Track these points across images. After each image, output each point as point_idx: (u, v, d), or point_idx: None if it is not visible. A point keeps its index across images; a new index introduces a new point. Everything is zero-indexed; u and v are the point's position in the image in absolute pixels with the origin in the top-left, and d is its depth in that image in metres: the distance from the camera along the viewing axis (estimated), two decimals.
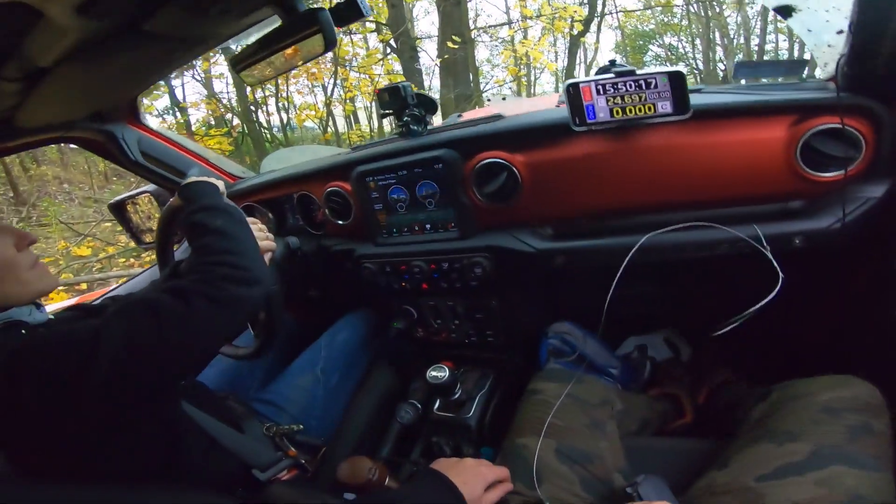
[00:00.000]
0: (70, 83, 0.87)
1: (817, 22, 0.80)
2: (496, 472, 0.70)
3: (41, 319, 0.67)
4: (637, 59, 10.29)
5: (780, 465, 0.62)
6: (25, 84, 0.83)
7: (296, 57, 0.74)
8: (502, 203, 0.96)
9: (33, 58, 0.73)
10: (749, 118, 0.79)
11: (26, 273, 0.65)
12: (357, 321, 1.29)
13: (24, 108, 0.95)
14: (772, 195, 0.83)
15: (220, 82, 6.57)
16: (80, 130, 1.23)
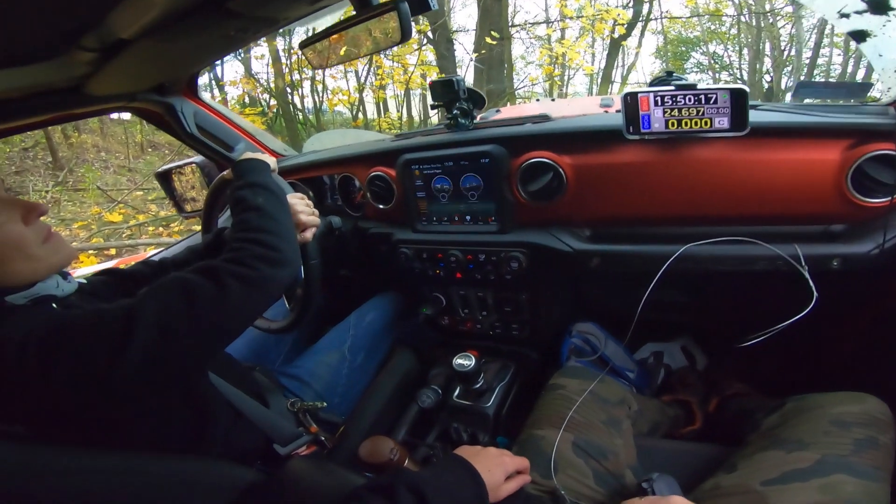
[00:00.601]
0: (144, 57, 0.90)
1: (890, 47, 0.80)
2: (517, 463, 0.72)
3: (70, 289, 0.66)
4: (678, 66, 10.04)
5: (787, 471, 0.65)
6: (101, 55, 0.86)
7: (369, 45, 0.77)
8: (544, 202, 0.98)
9: (114, 30, 0.74)
10: (805, 139, 0.79)
11: (38, 249, 0.61)
12: (385, 303, 1.31)
13: (96, 78, 0.98)
14: (815, 216, 0.84)
15: (259, 63, 6.66)
16: (142, 101, 1.27)
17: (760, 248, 0.83)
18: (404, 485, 0.58)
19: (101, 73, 0.95)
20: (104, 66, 0.91)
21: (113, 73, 0.96)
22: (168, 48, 0.88)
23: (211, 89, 6.77)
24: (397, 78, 6.29)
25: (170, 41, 0.81)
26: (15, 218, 0.60)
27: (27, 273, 0.60)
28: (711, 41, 9.66)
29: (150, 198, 5.62)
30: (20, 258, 0.59)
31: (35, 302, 0.60)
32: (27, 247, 0.60)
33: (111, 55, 0.86)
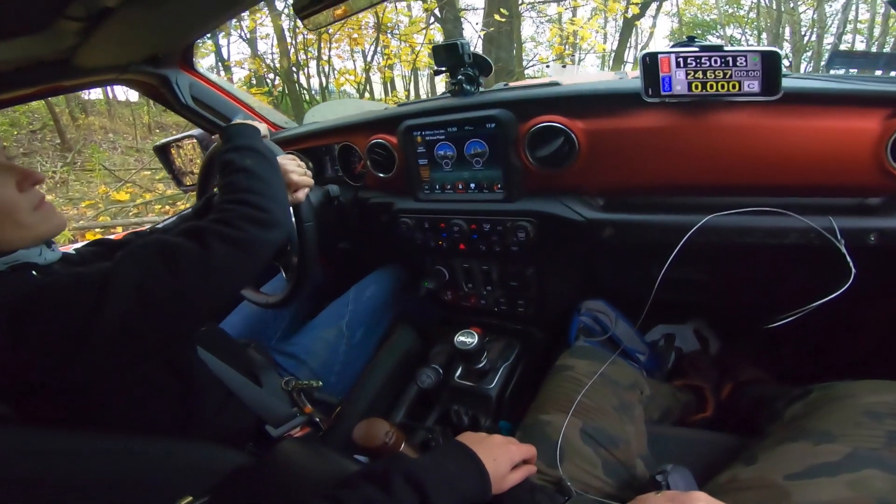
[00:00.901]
0: (132, 25, 0.87)
1: None
2: (524, 451, 0.67)
3: (53, 258, 0.64)
4: None
5: (814, 465, 0.60)
6: (88, 24, 0.82)
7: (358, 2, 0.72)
8: (554, 168, 0.92)
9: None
10: (842, 106, 0.74)
11: (28, 215, 0.60)
12: (386, 277, 1.27)
13: (84, 49, 0.95)
14: (851, 188, 0.78)
15: (264, 43, 6.60)
16: (135, 73, 1.24)
17: (792, 219, 0.77)
18: (401, 473, 0.54)
19: (90, 44, 0.92)
20: (92, 35, 0.87)
21: (101, 43, 0.93)
22: (155, 15, 0.84)
23: (217, 70, 6.75)
24: (404, 58, 6.20)
25: (156, 7, 0.79)
26: (9, 183, 0.59)
27: (14, 239, 0.59)
28: (728, 24, 9.40)
29: (157, 177, 5.65)
30: (9, 224, 0.59)
31: (13, 269, 0.59)
32: (17, 213, 0.59)
33: (98, 24, 0.82)
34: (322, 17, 0.90)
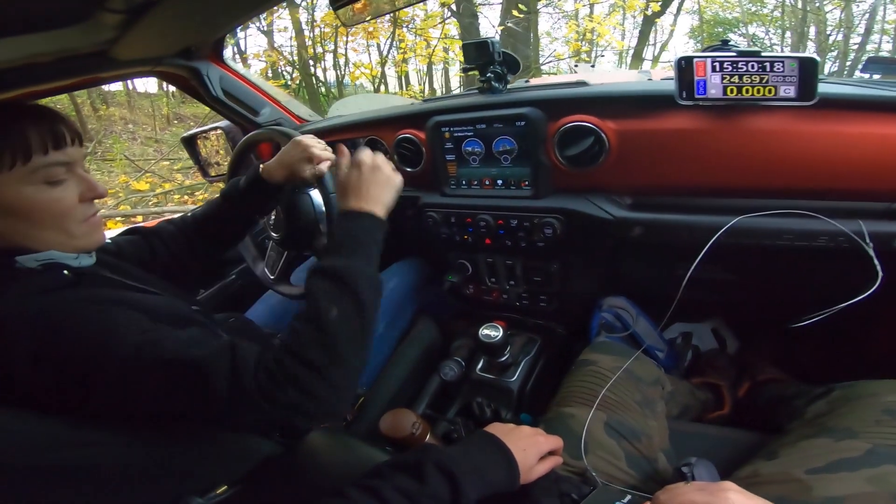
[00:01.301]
0: (170, 18, 0.87)
1: None
2: (551, 443, 0.68)
3: (87, 264, 0.65)
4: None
5: (835, 461, 0.61)
6: (127, 17, 0.84)
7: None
8: (583, 167, 0.93)
9: None
10: (876, 112, 0.74)
11: (76, 226, 0.61)
12: (409, 269, 1.28)
13: (122, 42, 0.97)
14: (882, 192, 0.78)
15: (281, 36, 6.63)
16: (167, 66, 1.26)
17: (822, 222, 0.77)
18: (433, 463, 0.55)
19: (128, 37, 0.93)
20: (130, 28, 0.89)
21: (139, 36, 0.93)
22: (194, 8, 0.85)
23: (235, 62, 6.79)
24: (420, 52, 6.18)
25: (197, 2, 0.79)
26: (74, 191, 0.61)
27: (55, 244, 0.61)
28: (751, 23, 9.21)
29: (176, 167, 5.72)
30: (56, 228, 0.60)
31: (46, 267, 0.59)
32: (68, 221, 0.61)
33: (137, 17, 0.84)
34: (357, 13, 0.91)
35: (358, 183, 0.72)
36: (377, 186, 0.72)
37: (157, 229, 0.92)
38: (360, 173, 0.73)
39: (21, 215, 0.58)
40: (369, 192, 0.71)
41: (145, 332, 0.55)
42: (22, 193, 0.57)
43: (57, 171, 0.59)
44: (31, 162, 0.57)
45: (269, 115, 1.51)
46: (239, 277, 1.51)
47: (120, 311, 0.57)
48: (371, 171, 0.73)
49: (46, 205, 0.59)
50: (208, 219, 0.94)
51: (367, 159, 0.75)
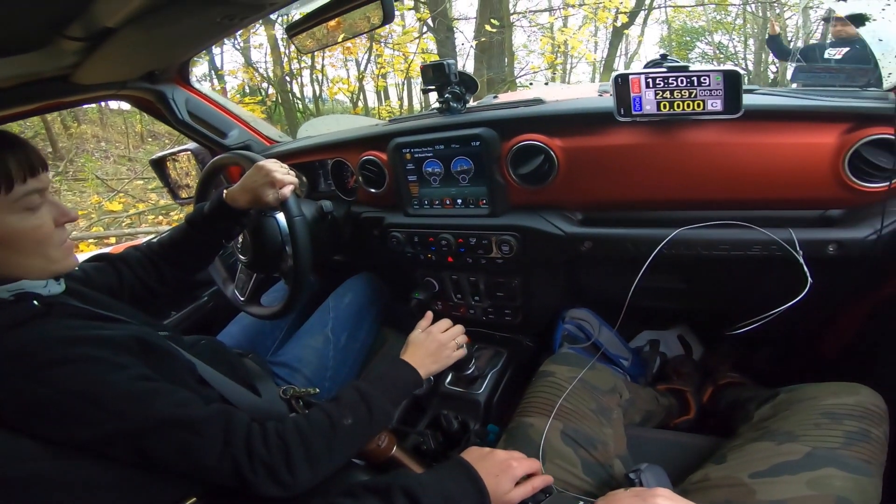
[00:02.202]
0: (131, 45, 0.89)
1: (890, 32, 0.78)
2: (526, 466, 0.69)
3: (56, 291, 0.66)
4: (682, 56, 9.91)
5: (776, 464, 0.64)
6: (88, 44, 0.85)
7: (352, 28, 0.76)
8: (535, 185, 0.97)
9: (99, 18, 0.74)
10: (801, 122, 0.78)
11: (56, 250, 0.63)
12: (360, 284, 1.31)
13: (83, 67, 0.97)
14: (812, 201, 0.83)
15: (258, 52, 6.63)
16: (132, 89, 1.27)
17: (754, 232, 0.82)
18: (400, 488, 0.58)
19: (89, 62, 0.95)
20: (91, 54, 0.90)
21: (101, 61, 0.95)
22: (155, 35, 0.87)
23: (210, 79, 6.75)
24: (398, 66, 6.25)
25: (156, 28, 0.81)
26: (49, 217, 0.63)
27: (34, 270, 0.62)
28: (717, 31, 9.55)
29: (150, 187, 5.63)
30: (38, 255, 0.61)
31: (17, 297, 0.60)
32: (49, 246, 0.62)
33: (98, 44, 0.85)
34: (310, 42, 0.94)
35: (422, 347, 0.89)
36: (432, 358, 0.89)
37: (123, 255, 0.92)
38: (427, 341, 0.90)
39: (4, 243, 0.58)
40: (424, 358, 0.87)
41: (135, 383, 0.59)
42: (5, 223, 0.58)
43: (34, 199, 0.60)
44: (13, 191, 0.58)
45: (237, 136, 1.52)
46: (211, 299, 1.51)
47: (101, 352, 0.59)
48: (437, 346, 0.90)
49: (28, 232, 0.60)
50: (175, 244, 0.95)
51: (438, 333, 0.92)
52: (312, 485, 0.66)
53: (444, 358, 0.91)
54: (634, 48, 9.27)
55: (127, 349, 0.62)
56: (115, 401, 0.57)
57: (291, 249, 0.97)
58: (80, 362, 0.57)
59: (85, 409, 0.55)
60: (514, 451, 0.73)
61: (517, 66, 7.25)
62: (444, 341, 0.92)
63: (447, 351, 0.92)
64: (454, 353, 0.93)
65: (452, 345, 0.93)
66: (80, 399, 0.55)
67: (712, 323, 1.31)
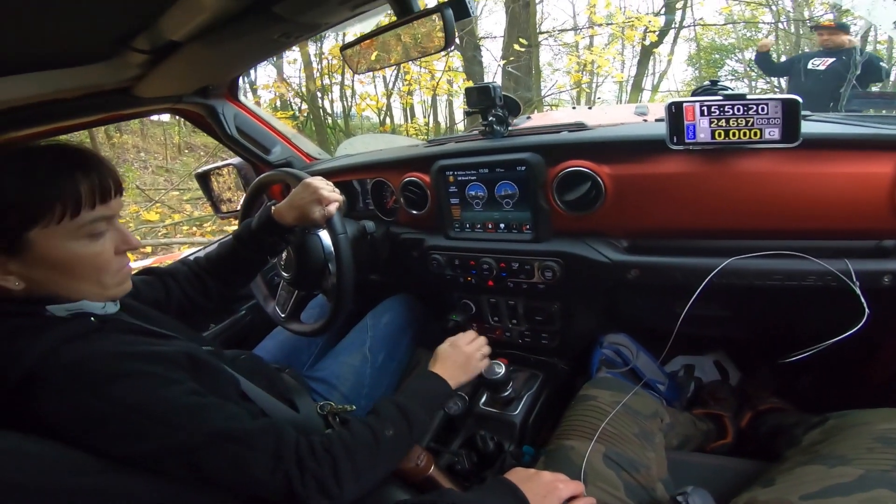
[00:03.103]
0: (193, 59, 0.92)
1: None
2: (571, 489, 0.69)
3: (112, 311, 0.67)
4: (711, 73, 9.76)
5: (828, 486, 0.63)
6: (152, 57, 0.90)
7: (411, 51, 0.78)
8: (581, 212, 0.97)
9: (166, 32, 0.77)
10: (858, 151, 0.77)
11: (110, 277, 0.63)
12: (399, 304, 1.33)
13: (145, 80, 1.03)
14: (867, 231, 0.81)
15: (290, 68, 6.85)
16: (186, 103, 1.32)
17: (809, 262, 0.80)
18: None
19: (151, 76, 0.99)
20: (154, 68, 0.95)
21: (162, 75, 0.99)
22: (215, 51, 0.90)
23: (245, 92, 6.98)
24: (424, 84, 6.35)
25: (217, 44, 0.84)
26: (111, 244, 0.63)
27: (90, 295, 0.63)
28: (747, 48, 9.40)
29: (186, 198, 5.82)
30: (92, 280, 0.62)
31: (74, 315, 0.61)
32: (104, 273, 0.62)
33: (161, 57, 0.89)
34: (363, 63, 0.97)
35: (450, 359, 0.93)
36: (460, 370, 0.93)
37: (171, 270, 0.96)
38: (455, 353, 0.95)
39: (60, 268, 0.59)
40: (453, 369, 0.91)
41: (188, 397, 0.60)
42: (65, 248, 0.58)
43: (100, 226, 0.60)
44: (80, 217, 0.58)
45: (279, 153, 1.57)
46: (249, 313, 1.54)
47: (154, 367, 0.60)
48: (465, 358, 0.95)
49: (87, 259, 0.60)
50: (221, 259, 0.98)
51: (464, 347, 0.97)
52: (358, 497, 0.66)
53: (472, 369, 0.95)
54: (664, 67, 9.20)
55: (178, 365, 0.64)
56: (169, 415, 0.58)
57: (335, 267, 1.00)
58: (134, 377, 0.58)
59: (140, 423, 0.56)
60: (558, 473, 0.73)
61: (543, 84, 7.30)
62: (471, 353, 0.96)
63: (474, 362, 0.96)
64: (480, 363, 0.97)
65: (478, 355, 0.97)
66: (136, 413, 0.56)
67: (756, 350, 1.28)
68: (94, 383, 0.55)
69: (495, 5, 7.23)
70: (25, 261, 0.57)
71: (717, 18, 8.08)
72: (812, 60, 2.95)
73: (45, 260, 0.58)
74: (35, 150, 0.59)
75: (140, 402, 0.57)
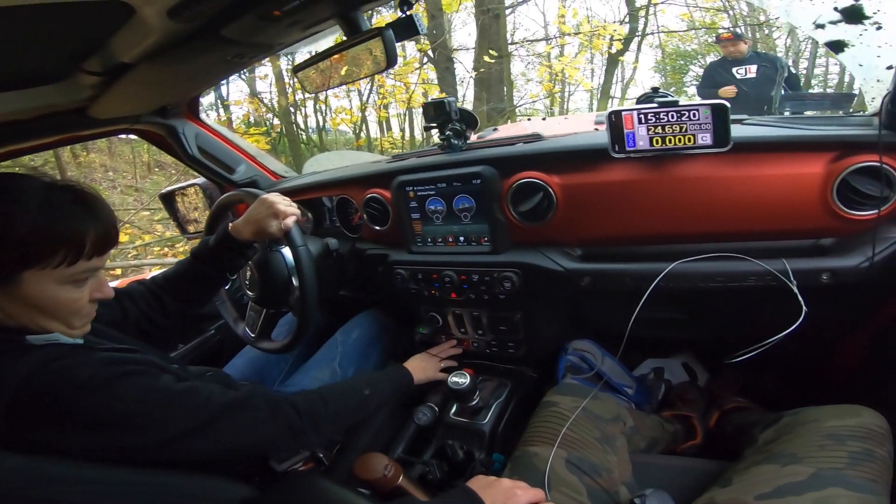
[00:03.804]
0: (146, 80, 0.94)
1: (869, 57, 0.80)
2: (531, 495, 0.71)
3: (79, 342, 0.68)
4: (677, 79, 10.10)
5: (781, 485, 0.64)
6: (105, 78, 0.90)
7: (355, 71, 0.80)
8: (535, 222, 0.99)
9: (117, 54, 0.79)
10: (789, 153, 0.80)
11: (78, 320, 0.65)
12: (369, 320, 1.34)
13: (100, 101, 1.02)
14: (803, 231, 0.84)
15: (263, 83, 6.81)
16: (145, 124, 1.31)
17: (749, 263, 0.83)
18: None
19: (105, 96, 0.99)
20: (108, 89, 0.95)
21: (116, 95, 1.00)
22: (169, 72, 0.92)
23: (217, 109, 6.91)
24: (399, 97, 6.39)
25: (169, 65, 0.85)
26: (87, 290, 0.64)
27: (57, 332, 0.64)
28: (709, 53, 9.74)
29: (156, 218, 5.68)
30: (62, 321, 0.63)
31: (49, 343, 0.63)
32: (75, 317, 0.64)
33: (114, 78, 0.90)
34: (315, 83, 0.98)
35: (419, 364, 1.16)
36: (422, 370, 1.15)
37: (127, 290, 0.95)
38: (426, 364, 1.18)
39: (38, 307, 0.60)
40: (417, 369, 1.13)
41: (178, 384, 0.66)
42: (50, 291, 0.59)
43: (87, 274, 0.62)
44: (76, 266, 0.59)
45: (244, 172, 1.56)
46: (218, 332, 1.52)
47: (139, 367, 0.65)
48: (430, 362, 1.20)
49: (64, 304, 0.61)
50: (179, 277, 0.98)
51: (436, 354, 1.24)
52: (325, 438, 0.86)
53: (432, 371, 1.17)
54: (630, 74, 9.47)
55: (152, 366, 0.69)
56: (177, 399, 0.64)
57: (298, 280, 1.00)
58: (128, 376, 0.62)
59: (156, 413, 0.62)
60: (518, 480, 0.74)
61: (516, 94, 7.42)
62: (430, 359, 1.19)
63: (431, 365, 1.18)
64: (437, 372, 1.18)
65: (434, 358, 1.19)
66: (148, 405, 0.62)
67: (716, 350, 1.31)
68: (96, 387, 0.59)
69: (469, 17, 7.35)
70: (8, 295, 0.58)
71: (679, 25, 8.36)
72: (735, 69, 3.09)
73: (27, 298, 0.58)
74: (55, 188, 0.60)
75: (146, 395, 0.62)
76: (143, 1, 0.60)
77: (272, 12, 0.69)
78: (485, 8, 5.68)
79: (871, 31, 0.78)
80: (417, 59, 6.41)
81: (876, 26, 0.74)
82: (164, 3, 0.60)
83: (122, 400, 0.60)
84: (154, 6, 0.61)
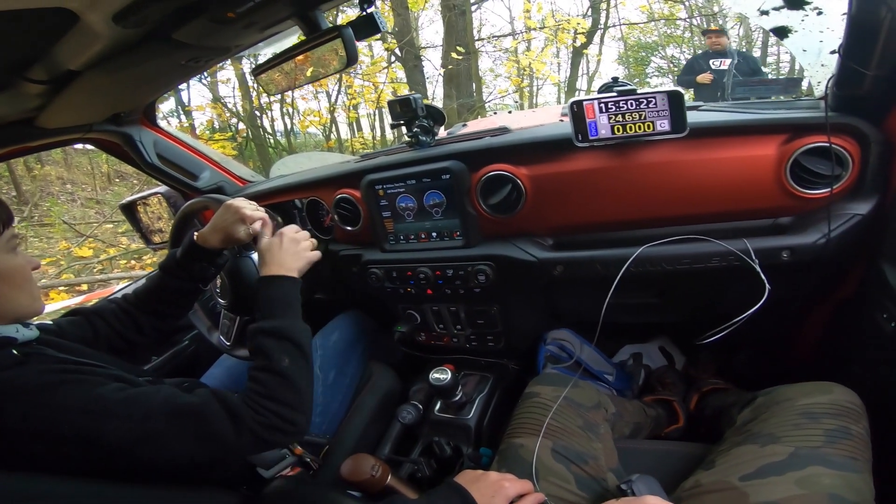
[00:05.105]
0: (95, 87, 0.90)
1: (812, 42, 0.83)
2: (519, 487, 0.71)
3: (30, 336, 0.68)
4: (639, 71, 10.37)
5: (762, 466, 0.65)
6: (51, 87, 0.86)
7: (317, 71, 0.78)
8: (506, 214, 1.00)
9: (62, 62, 0.76)
10: (742, 136, 0.83)
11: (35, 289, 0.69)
12: (348, 322, 1.33)
13: (48, 111, 0.98)
14: (762, 211, 0.87)
15: (226, 87, 6.64)
16: (98, 132, 1.26)
17: (712, 244, 0.86)
18: None
19: (53, 105, 0.95)
20: (55, 97, 0.91)
21: (65, 104, 0.96)
22: (119, 78, 0.88)
23: (178, 115, 6.69)
24: (368, 97, 6.34)
25: (119, 71, 0.82)
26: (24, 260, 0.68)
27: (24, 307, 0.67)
28: (668, 45, 10.02)
29: (121, 230, 5.49)
30: (25, 291, 0.67)
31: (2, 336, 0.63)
32: (31, 284, 0.68)
33: (61, 87, 0.86)
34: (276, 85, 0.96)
35: (278, 251, 0.85)
36: (293, 257, 0.85)
37: (98, 308, 0.91)
38: (280, 243, 0.86)
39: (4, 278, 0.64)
40: (285, 260, 0.84)
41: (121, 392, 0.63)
42: (3, 258, 0.64)
43: (14, 242, 0.67)
44: (7, 231, 0.65)
45: (208, 178, 1.52)
46: (192, 343, 1.48)
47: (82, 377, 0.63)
48: (291, 242, 0.86)
49: (19, 269, 0.66)
50: (150, 292, 0.94)
51: (289, 232, 0.88)
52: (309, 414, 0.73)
53: (303, 251, 0.87)
54: (595, 67, 9.65)
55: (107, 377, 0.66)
56: (115, 407, 0.61)
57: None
58: (66, 384, 0.60)
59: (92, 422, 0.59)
60: (506, 472, 0.74)
61: (485, 90, 7.46)
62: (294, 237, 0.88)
63: (302, 244, 0.88)
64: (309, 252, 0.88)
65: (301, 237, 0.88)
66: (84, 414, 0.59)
67: (690, 333, 1.35)
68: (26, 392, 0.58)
69: (435, 14, 7.33)
70: None
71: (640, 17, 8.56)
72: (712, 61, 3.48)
73: None
74: None
75: (83, 403, 0.59)
76: (86, 7, 0.58)
77: (226, 14, 0.68)
78: (450, 4, 5.69)
79: (813, 16, 0.82)
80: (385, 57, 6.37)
81: (816, 11, 0.78)
82: (109, 9, 0.58)
83: (60, 409, 0.58)
84: (99, 12, 0.59)
